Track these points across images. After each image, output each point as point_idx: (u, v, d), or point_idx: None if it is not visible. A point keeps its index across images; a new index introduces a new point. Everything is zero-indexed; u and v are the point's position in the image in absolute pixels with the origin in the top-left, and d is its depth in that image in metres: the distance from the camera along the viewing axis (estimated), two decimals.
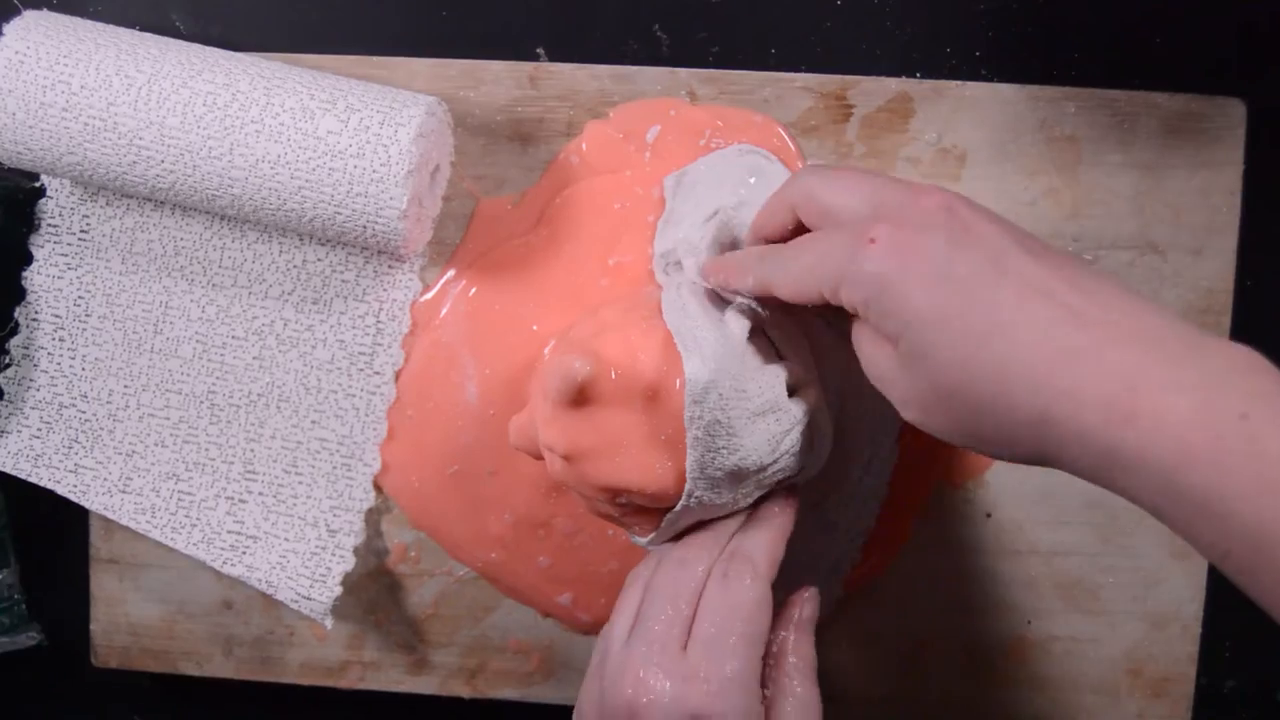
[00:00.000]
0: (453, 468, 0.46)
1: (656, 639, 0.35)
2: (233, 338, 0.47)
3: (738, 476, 0.37)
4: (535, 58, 0.46)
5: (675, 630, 0.35)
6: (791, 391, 0.37)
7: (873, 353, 0.32)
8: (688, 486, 0.36)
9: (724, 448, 0.36)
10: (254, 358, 0.47)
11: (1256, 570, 0.25)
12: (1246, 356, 0.27)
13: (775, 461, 0.37)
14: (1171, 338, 0.27)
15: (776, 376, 0.37)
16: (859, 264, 0.30)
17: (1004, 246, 0.29)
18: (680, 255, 0.42)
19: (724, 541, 0.38)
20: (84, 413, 0.48)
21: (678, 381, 0.36)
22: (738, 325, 0.37)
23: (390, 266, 0.46)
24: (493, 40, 0.46)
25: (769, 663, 0.37)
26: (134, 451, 0.47)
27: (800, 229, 0.35)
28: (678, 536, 0.39)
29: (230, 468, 0.47)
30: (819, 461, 0.40)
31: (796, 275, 0.33)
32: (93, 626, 0.49)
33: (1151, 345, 0.27)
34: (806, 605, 0.38)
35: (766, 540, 0.37)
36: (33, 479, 0.48)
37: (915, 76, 0.45)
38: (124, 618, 0.49)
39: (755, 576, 0.36)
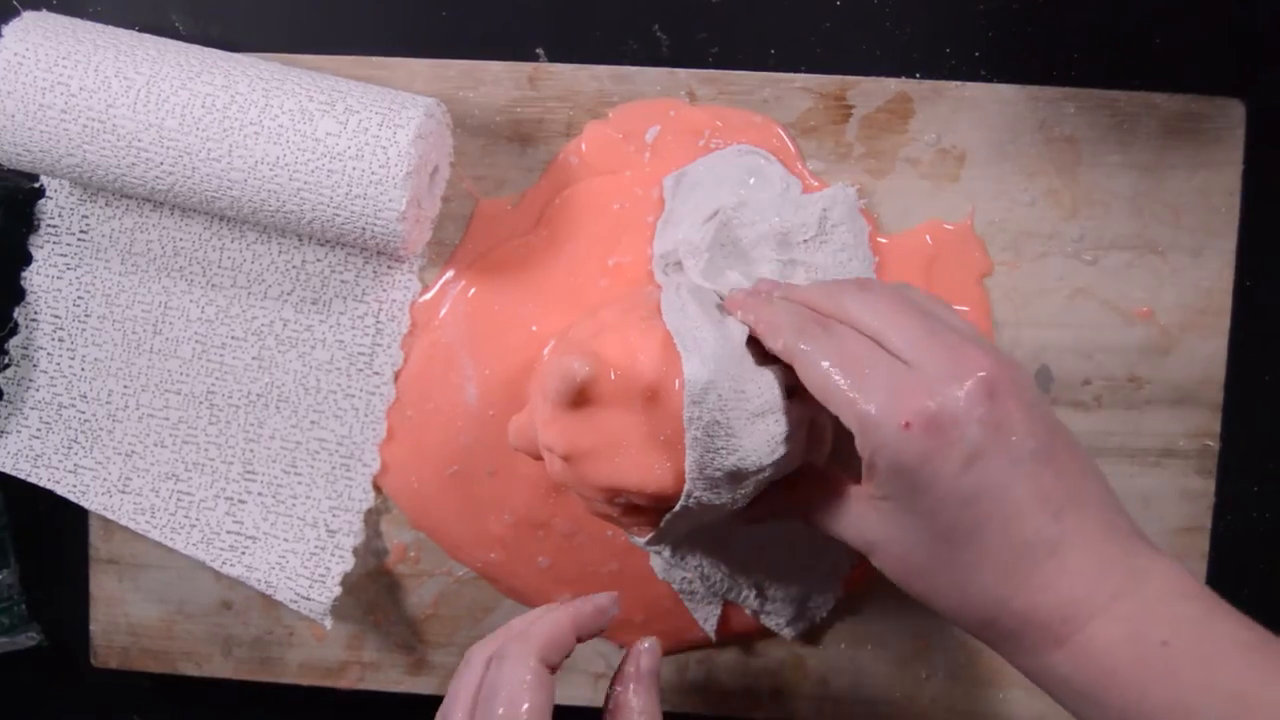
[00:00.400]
0: (452, 468, 0.46)
1: None
2: (232, 338, 0.47)
3: (737, 477, 0.36)
4: (535, 58, 0.46)
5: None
6: (791, 393, 0.37)
7: (867, 512, 0.34)
8: (686, 487, 0.36)
9: (723, 448, 0.36)
10: (253, 358, 0.47)
11: None
12: (1180, 580, 0.31)
13: (775, 462, 0.37)
14: (1117, 568, 0.31)
15: (776, 377, 0.37)
16: (887, 443, 0.32)
17: (1022, 455, 0.31)
18: (680, 256, 0.42)
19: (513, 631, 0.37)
20: (83, 413, 0.48)
21: (677, 382, 0.36)
22: (737, 327, 0.37)
23: (389, 267, 0.46)
24: (492, 41, 0.46)
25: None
26: (133, 452, 0.47)
27: None
28: (681, 541, 0.39)
29: (230, 468, 0.47)
30: (819, 462, 0.40)
31: (826, 386, 0.33)
32: (92, 627, 0.49)
33: (1096, 575, 0.31)
34: (644, 657, 0.38)
35: (549, 619, 0.36)
36: (32, 479, 0.48)
37: (915, 77, 0.45)
38: (123, 618, 0.49)
39: (521, 655, 0.35)
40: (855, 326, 0.34)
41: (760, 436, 0.36)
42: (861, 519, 0.34)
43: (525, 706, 0.34)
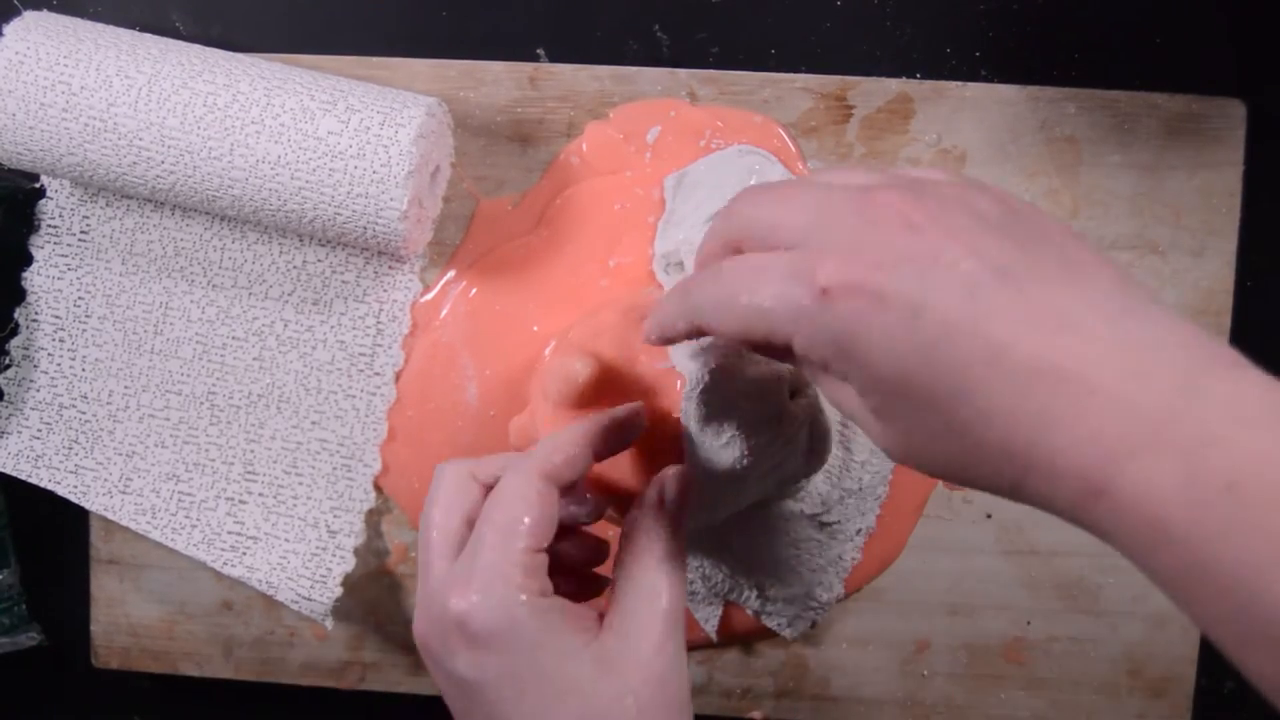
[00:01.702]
0: None
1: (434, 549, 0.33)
2: (233, 338, 0.47)
3: (737, 477, 0.37)
4: (535, 58, 0.46)
5: (450, 539, 0.33)
6: (793, 393, 0.37)
7: (839, 396, 0.28)
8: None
9: (722, 449, 0.36)
10: (254, 358, 0.47)
11: (1244, 646, 0.23)
12: (1254, 402, 0.23)
13: (776, 463, 0.37)
14: (1156, 371, 0.23)
15: (777, 378, 0.37)
16: (813, 323, 0.26)
17: (980, 280, 0.25)
18: (682, 256, 0.42)
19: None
20: (84, 414, 0.48)
21: (678, 383, 0.36)
22: None
23: (390, 267, 0.46)
24: (493, 41, 0.46)
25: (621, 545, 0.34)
26: (134, 452, 0.47)
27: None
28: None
29: (230, 468, 0.47)
30: (820, 462, 0.40)
31: (737, 325, 0.28)
32: (93, 627, 0.49)
33: (1134, 391, 0.23)
34: (669, 485, 0.34)
35: (562, 436, 0.33)
36: (33, 480, 0.48)
37: (915, 77, 0.45)
38: (124, 618, 0.49)
39: (524, 470, 0.32)
40: (758, 227, 0.29)
41: (762, 437, 0.36)
42: (867, 415, 0.28)
43: (527, 520, 0.31)
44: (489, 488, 0.34)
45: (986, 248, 0.26)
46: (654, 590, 0.32)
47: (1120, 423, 0.23)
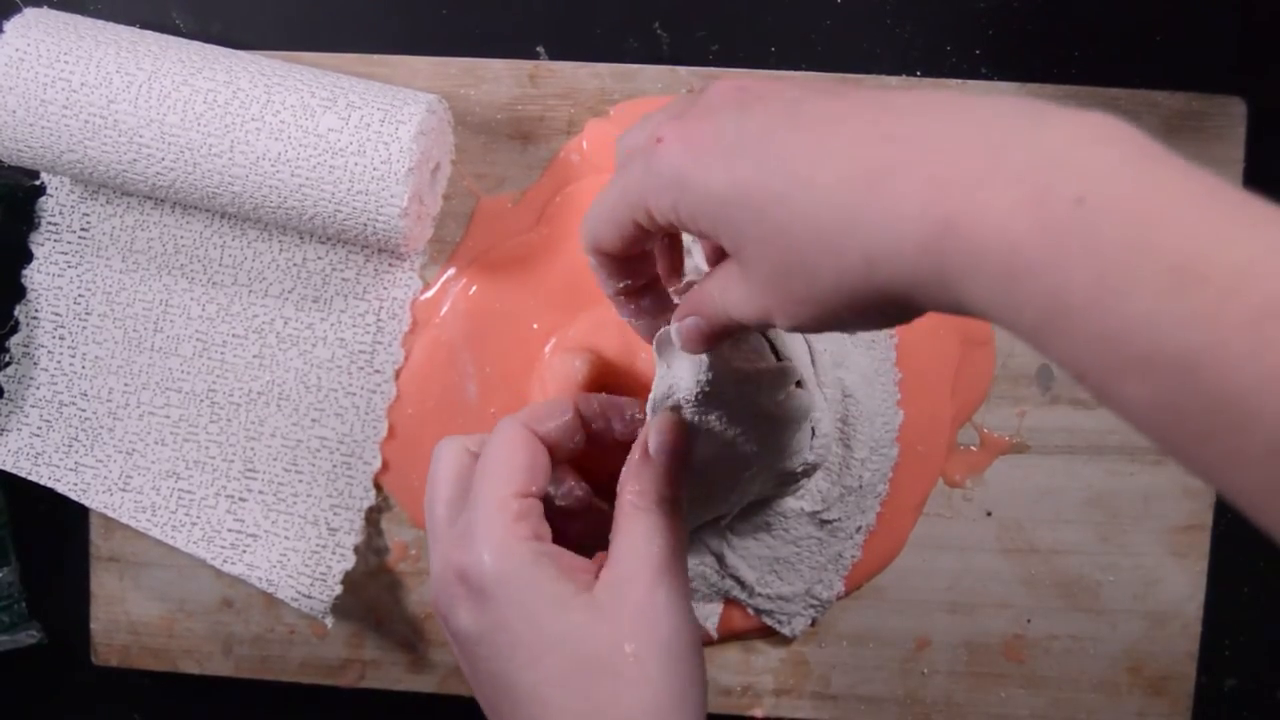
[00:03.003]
0: None
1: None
2: (233, 336, 0.47)
3: (736, 475, 0.37)
4: (536, 56, 0.46)
5: (453, 507, 0.33)
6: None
7: (722, 283, 0.28)
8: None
9: (722, 448, 0.35)
10: (254, 356, 0.47)
11: (1121, 388, 0.20)
12: (1096, 124, 0.21)
13: (774, 462, 0.37)
14: (997, 122, 0.22)
15: (777, 374, 0.37)
16: (653, 170, 0.26)
17: (798, 96, 0.25)
18: (688, 244, 0.42)
19: None
20: (84, 411, 0.48)
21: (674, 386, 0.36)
22: None
23: (390, 264, 0.46)
24: (493, 38, 0.46)
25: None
26: (134, 450, 0.47)
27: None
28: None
29: (230, 466, 0.47)
30: (820, 461, 0.40)
31: (608, 213, 0.29)
32: (93, 625, 0.49)
33: (971, 138, 0.22)
34: (654, 434, 0.33)
35: (549, 399, 0.35)
36: (33, 477, 0.48)
37: (915, 75, 0.45)
38: (124, 616, 0.49)
39: (505, 424, 0.33)
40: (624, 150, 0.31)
41: (760, 436, 0.36)
42: (743, 284, 0.27)
43: (514, 463, 0.32)
44: None
45: (812, 81, 0.27)
46: (646, 536, 0.32)
47: (961, 159, 0.22)
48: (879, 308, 0.24)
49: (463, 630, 0.31)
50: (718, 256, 0.34)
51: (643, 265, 0.33)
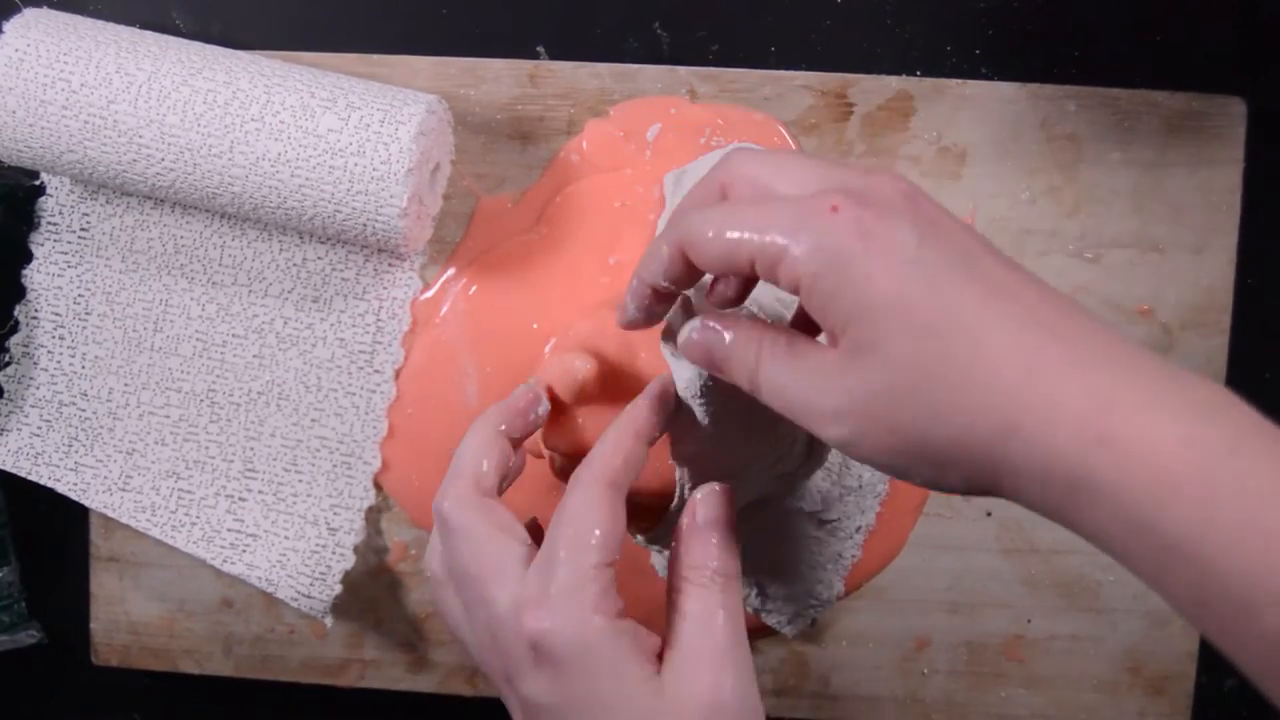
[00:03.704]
0: None
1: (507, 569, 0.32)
2: (233, 336, 0.47)
3: (737, 475, 0.36)
4: (535, 56, 0.46)
5: (516, 553, 0.32)
6: None
7: (796, 363, 0.28)
8: (678, 489, 0.36)
9: (720, 448, 0.35)
10: (254, 356, 0.47)
11: (1237, 626, 0.23)
12: (1224, 391, 0.25)
13: (774, 462, 0.37)
14: (1146, 363, 0.25)
15: None
16: (815, 233, 0.26)
17: (972, 246, 0.27)
18: None
19: None
20: (84, 411, 0.48)
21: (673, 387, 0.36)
22: None
23: (390, 264, 0.46)
24: (493, 38, 0.46)
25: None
26: (134, 450, 0.47)
27: None
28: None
29: (230, 466, 0.47)
30: (819, 461, 0.40)
31: (726, 240, 0.28)
32: (93, 625, 0.49)
33: (1129, 367, 0.24)
34: (700, 507, 0.33)
35: (611, 438, 0.32)
36: (33, 477, 0.48)
37: (916, 75, 0.45)
38: (124, 616, 0.49)
39: (586, 480, 0.31)
40: (757, 187, 0.29)
41: (759, 436, 0.36)
42: (824, 376, 0.27)
43: (597, 533, 0.30)
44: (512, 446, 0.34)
45: (972, 230, 0.27)
46: (705, 615, 0.31)
47: (1119, 379, 0.24)
48: (968, 473, 0.26)
49: (532, 699, 0.31)
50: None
51: (695, 276, 0.31)
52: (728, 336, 0.30)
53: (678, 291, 0.32)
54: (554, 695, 0.30)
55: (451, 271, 0.46)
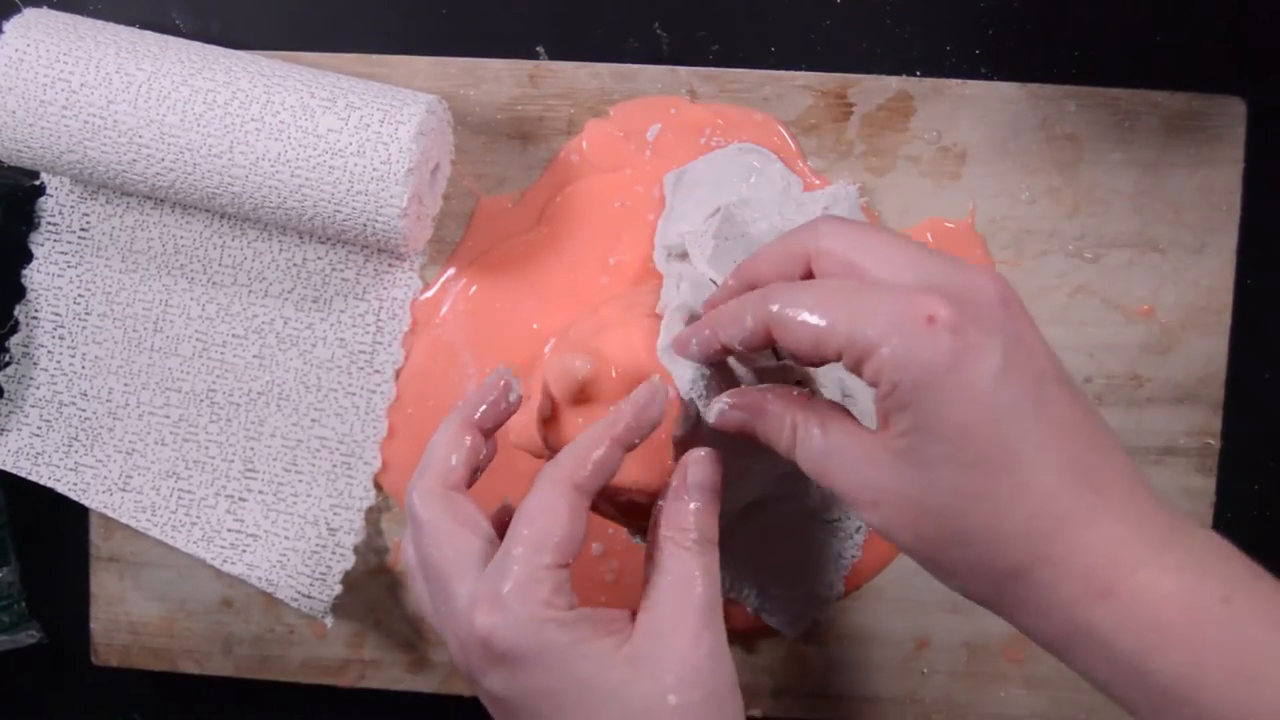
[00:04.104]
0: None
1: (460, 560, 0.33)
2: (233, 336, 0.47)
3: (737, 475, 0.36)
4: (535, 56, 0.46)
5: (475, 548, 0.32)
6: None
7: (830, 444, 0.30)
8: None
9: (720, 448, 0.35)
10: (254, 356, 0.47)
11: None
12: (1224, 543, 0.27)
13: (775, 462, 0.37)
14: (1157, 516, 0.27)
15: (780, 372, 0.37)
16: (908, 342, 0.27)
17: (1047, 371, 0.28)
18: (686, 245, 0.42)
19: None
20: (84, 411, 0.48)
21: (671, 389, 0.36)
22: None
23: (390, 264, 0.46)
24: (493, 38, 0.46)
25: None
26: (134, 450, 0.47)
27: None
28: None
29: (230, 466, 0.47)
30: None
31: (816, 327, 0.28)
32: (93, 625, 0.49)
33: (1141, 521, 0.27)
34: (692, 469, 0.33)
35: (585, 439, 0.33)
36: (33, 477, 0.48)
37: (915, 75, 0.45)
38: (124, 616, 0.49)
39: (550, 479, 0.32)
40: (844, 264, 0.30)
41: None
42: (869, 460, 0.29)
43: (557, 535, 0.31)
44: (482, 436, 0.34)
45: (1048, 351, 0.28)
46: (686, 578, 0.32)
47: (1128, 536, 0.26)
48: (974, 591, 0.29)
49: (493, 692, 0.31)
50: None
51: (771, 344, 0.32)
52: (759, 412, 0.32)
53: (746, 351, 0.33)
54: (514, 689, 0.31)
55: (451, 271, 0.46)
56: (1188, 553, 0.26)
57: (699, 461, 0.33)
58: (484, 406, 0.35)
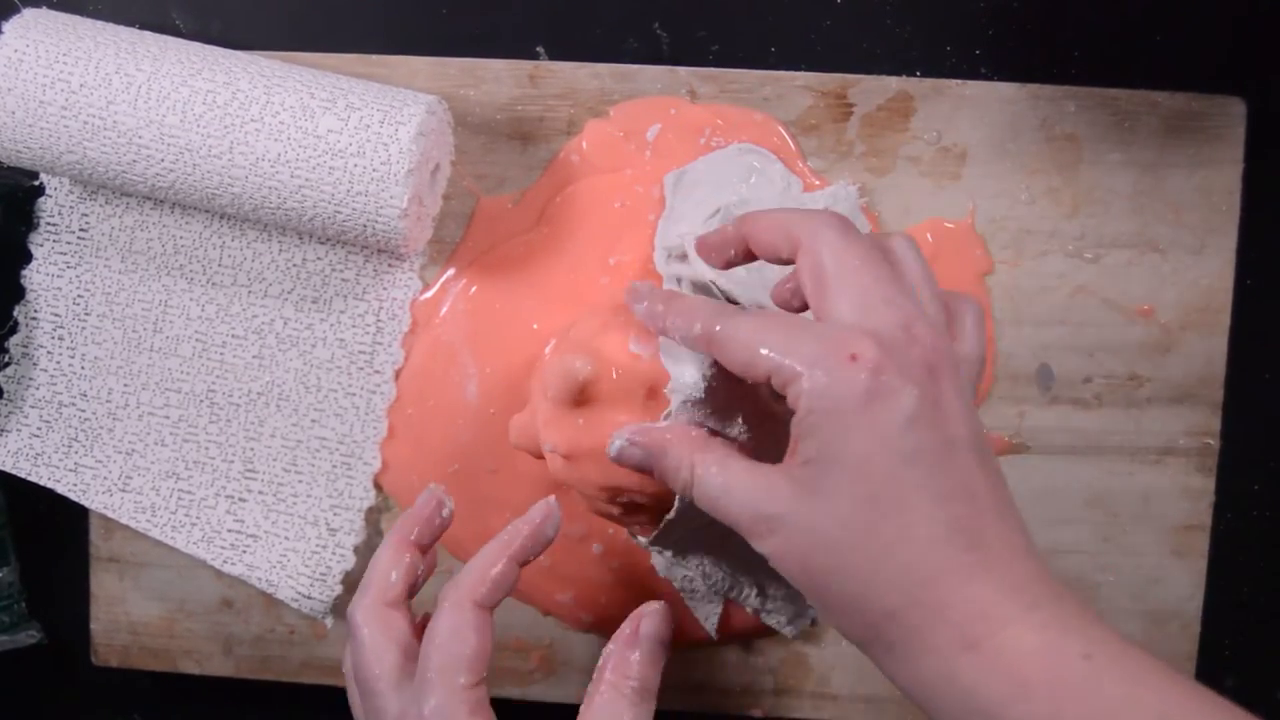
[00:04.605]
0: (453, 466, 0.46)
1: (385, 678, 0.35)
2: (232, 336, 0.47)
3: None
4: (535, 56, 0.46)
5: (397, 662, 0.35)
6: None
7: (730, 479, 0.31)
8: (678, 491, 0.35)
9: None
10: (254, 356, 0.47)
11: None
12: (1089, 608, 0.29)
13: (777, 461, 0.37)
14: (1032, 581, 0.29)
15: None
16: (826, 375, 0.29)
17: (960, 438, 0.29)
18: (686, 247, 0.42)
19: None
20: (84, 411, 0.48)
21: (669, 390, 0.36)
22: None
23: (390, 265, 0.46)
24: (493, 38, 0.46)
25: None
26: (134, 450, 0.47)
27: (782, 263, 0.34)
28: (682, 540, 0.39)
29: (230, 466, 0.47)
30: None
31: (751, 353, 0.30)
32: (93, 625, 0.49)
33: (1014, 584, 0.28)
34: (646, 620, 0.36)
35: (480, 559, 0.35)
36: (32, 478, 0.48)
37: (915, 75, 0.45)
38: (124, 616, 0.49)
39: (454, 601, 0.34)
40: (819, 263, 0.31)
41: (761, 434, 0.36)
42: (766, 490, 0.30)
43: (467, 654, 0.33)
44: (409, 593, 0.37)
45: (967, 420, 0.30)
46: None
47: (1006, 594, 0.28)
48: (850, 630, 0.30)
49: None
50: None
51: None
52: (659, 450, 0.33)
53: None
54: None
55: (451, 272, 0.46)
56: (1053, 614, 0.28)
57: (652, 615, 0.36)
58: (418, 527, 0.37)
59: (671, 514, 0.37)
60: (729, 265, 0.35)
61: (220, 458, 0.47)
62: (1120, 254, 0.45)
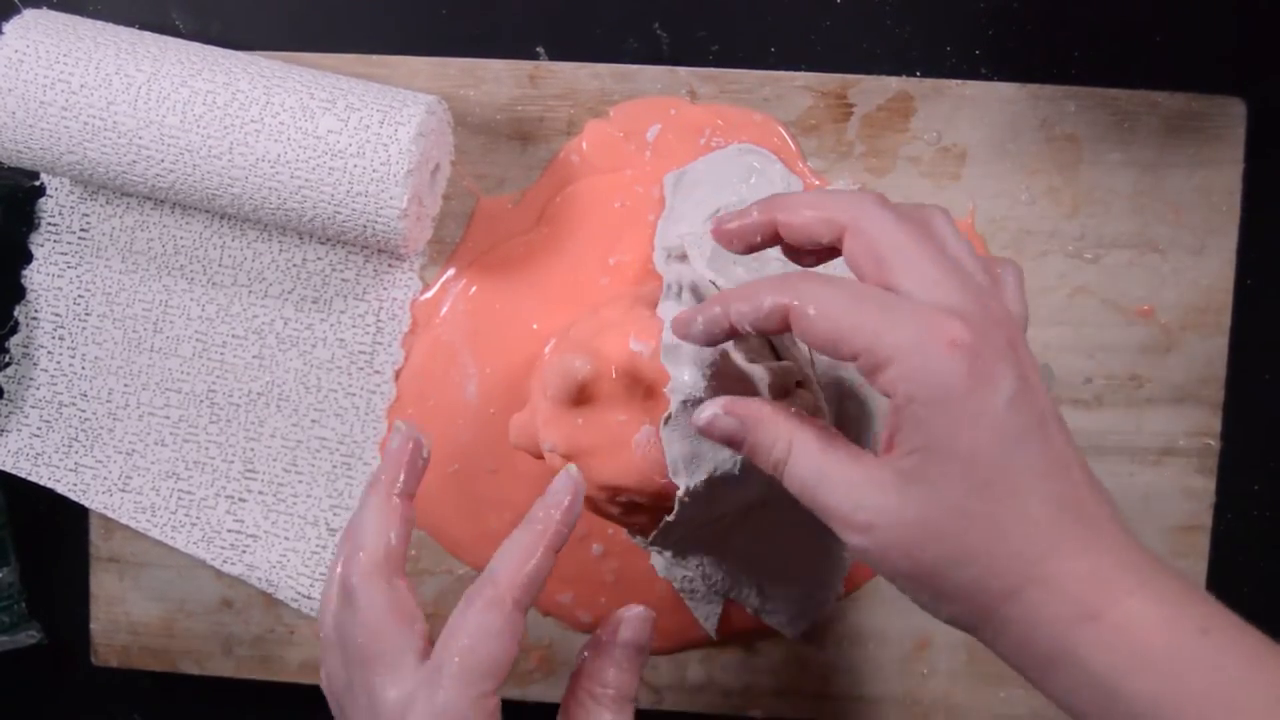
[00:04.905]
0: (453, 466, 0.46)
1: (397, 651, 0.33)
2: (232, 336, 0.47)
3: (737, 476, 0.36)
4: (535, 56, 0.46)
5: (412, 647, 0.32)
6: (787, 392, 0.37)
7: (829, 465, 0.30)
8: (679, 492, 0.35)
9: (708, 451, 0.35)
10: (254, 356, 0.47)
11: None
12: (1196, 583, 0.29)
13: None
14: (1139, 553, 0.29)
15: (763, 377, 0.36)
16: (927, 362, 0.28)
17: (1047, 409, 0.29)
18: (686, 247, 0.42)
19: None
20: (84, 411, 0.48)
21: (668, 389, 0.36)
22: None
23: (390, 265, 0.46)
24: (493, 39, 0.46)
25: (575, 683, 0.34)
26: (134, 450, 0.47)
27: (822, 253, 0.32)
28: (682, 540, 0.39)
29: (230, 466, 0.47)
30: None
31: (837, 331, 0.29)
32: (93, 625, 0.49)
33: (1126, 555, 0.28)
34: (624, 627, 0.35)
35: (513, 555, 0.33)
36: (33, 478, 0.48)
37: (915, 75, 0.45)
38: (124, 616, 0.49)
39: (489, 600, 0.32)
40: (875, 248, 0.30)
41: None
42: (868, 481, 0.29)
43: (494, 660, 0.31)
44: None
45: (1046, 395, 0.30)
46: None
47: (1121, 565, 0.28)
48: (960, 614, 0.30)
49: None
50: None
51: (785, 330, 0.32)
52: (755, 423, 0.31)
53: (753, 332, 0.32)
54: None
55: (451, 272, 0.46)
56: (1168, 586, 0.28)
57: (631, 621, 0.35)
58: (402, 475, 0.35)
59: (671, 515, 0.37)
60: (751, 250, 0.33)
61: (220, 458, 0.47)
62: (1120, 254, 0.45)
